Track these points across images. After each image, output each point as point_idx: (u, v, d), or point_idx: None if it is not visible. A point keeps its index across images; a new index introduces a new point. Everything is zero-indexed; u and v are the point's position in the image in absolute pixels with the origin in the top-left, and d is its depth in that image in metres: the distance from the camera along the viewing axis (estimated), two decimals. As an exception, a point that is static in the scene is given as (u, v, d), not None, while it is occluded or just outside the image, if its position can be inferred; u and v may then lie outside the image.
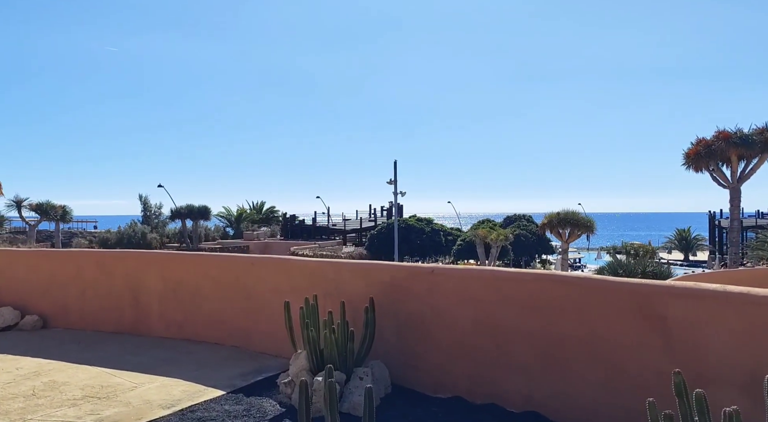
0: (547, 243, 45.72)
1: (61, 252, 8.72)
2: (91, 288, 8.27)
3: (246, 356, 6.91)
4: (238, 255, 7.29)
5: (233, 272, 7.19)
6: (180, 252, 7.80)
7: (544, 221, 33.38)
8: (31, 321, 8.37)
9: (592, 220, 32.21)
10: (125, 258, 8.18)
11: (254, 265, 7.00)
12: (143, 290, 7.90)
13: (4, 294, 8.70)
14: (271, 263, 6.92)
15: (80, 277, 8.36)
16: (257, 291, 6.96)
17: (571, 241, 33.88)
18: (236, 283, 7.15)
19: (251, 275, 7.02)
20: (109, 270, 8.18)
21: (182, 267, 7.64)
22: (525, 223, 47.18)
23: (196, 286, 7.47)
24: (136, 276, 7.96)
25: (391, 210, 51.37)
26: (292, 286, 6.63)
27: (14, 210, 33.08)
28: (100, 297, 8.20)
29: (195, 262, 7.57)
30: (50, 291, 8.51)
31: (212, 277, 7.36)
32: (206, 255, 7.56)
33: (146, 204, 44.63)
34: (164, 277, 7.74)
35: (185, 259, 7.68)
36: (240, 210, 52.34)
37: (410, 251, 42.88)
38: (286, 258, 6.80)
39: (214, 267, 7.38)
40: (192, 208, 40.99)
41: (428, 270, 5.47)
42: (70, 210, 34.80)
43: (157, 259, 7.89)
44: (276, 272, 6.81)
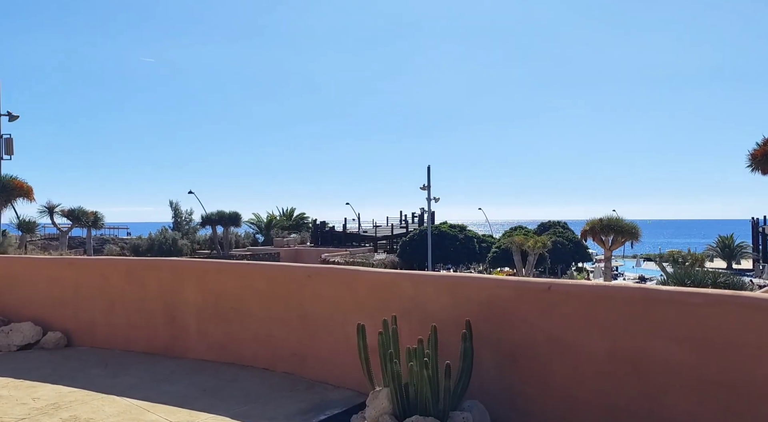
0: (585, 251, 44.00)
1: (86, 261, 7.68)
2: (120, 301, 7.20)
3: (301, 385, 5.74)
4: (290, 265, 6.16)
5: (285, 285, 6.05)
6: (222, 262, 6.68)
7: (585, 227, 31.80)
8: (53, 339, 7.32)
9: (637, 227, 30.55)
10: (158, 267, 7.09)
11: (311, 278, 5.84)
12: (179, 304, 6.80)
13: (25, 308, 7.68)
14: (332, 275, 5.75)
15: (107, 289, 7.30)
16: (314, 308, 5.80)
17: (615, 249, 32.23)
18: (289, 298, 6.00)
19: (307, 289, 5.86)
20: (140, 281, 7.10)
21: (225, 279, 6.52)
22: (561, 230, 45.54)
23: (241, 301, 6.35)
24: (171, 288, 6.87)
25: (422, 216, 50.12)
26: (357, 303, 5.45)
27: (46, 216, 32.57)
28: (130, 311, 7.13)
29: (240, 273, 6.45)
30: (75, 304, 7.47)
31: (260, 291, 6.22)
32: (253, 265, 6.43)
33: (177, 210, 44.06)
34: (204, 290, 6.63)
35: (228, 269, 6.56)
36: (270, 216, 51.55)
37: (443, 258, 41.58)
38: (350, 270, 5.63)
39: (262, 278, 6.25)
40: (223, 214, 40.25)
41: (542, 286, 4.25)
42: (101, 216, 34.20)
43: (196, 269, 6.78)
44: (338, 286, 5.64)
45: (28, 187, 25.04)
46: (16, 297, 7.76)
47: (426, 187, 38.20)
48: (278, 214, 52.86)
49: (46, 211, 32.10)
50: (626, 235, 31.13)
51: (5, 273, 7.87)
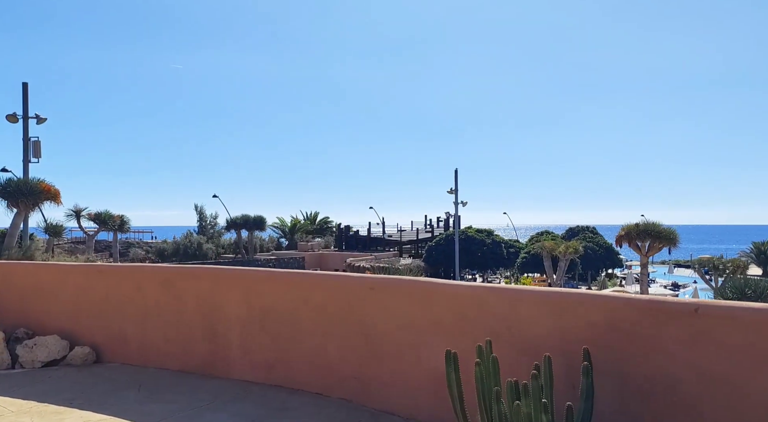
0: (616, 257, 42.67)
1: (117, 269, 6.95)
2: (155, 313, 6.45)
3: (363, 416, 4.91)
4: (351, 275, 5.36)
5: (345, 298, 5.23)
6: (271, 270, 5.88)
7: (621, 232, 30.58)
8: (81, 355, 6.59)
9: (675, 232, 29.28)
10: (197, 276, 6.32)
11: (375, 290, 5.01)
12: (221, 318, 6.02)
13: (50, 319, 6.97)
14: (401, 288, 4.91)
15: (141, 299, 6.55)
16: (380, 325, 4.97)
17: (651, 255, 30.95)
18: (349, 313, 5.18)
19: (371, 303, 5.04)
20: (178, 290, 6.34)
21: (274, 290, 5.72)
22: (590, 235, 44.26)
23: (293, 315, 5.54)
24: (212, 299, 6.08)
25: (447, 220, 49.15)
26: (433, 322, 4.62)
27: (73, 219, 32.25)
28: (166, 325, 6.37)
29: (291, 283, 5.63)
30: (104, 316, 6.73)
31: (315, 304, 5.41)
32: (307, 275, 5.62)
33: (202, 214, 43.64)
34: (249, 302, 5.84)
35: (278, 279, 5.75)
36: (294, 220, 50.95)
37: (470, 264, 40.59)
38: (424, 282, 4.79)
39: (317, 290, 5.43)
40: (248, 218, 39.74)
41: (686, 308, 3.37)
42: (127, 220, 33.80)
43: (240, 278, 5.99)
44: (408, 301, 4.81)
45: (56, 190, 24.58)
46: (41, 308, 7.05)
47: (453, 191, 37.30)
48: (302, 218, 52.25)
49: (73, 215, 31.78)
50: (664, 241, 29.86)
51: (30, 282, 7.16)
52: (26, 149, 24.26)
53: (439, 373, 4.38)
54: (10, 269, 7.40)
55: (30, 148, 24.43)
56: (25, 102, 24.08)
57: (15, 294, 7.19)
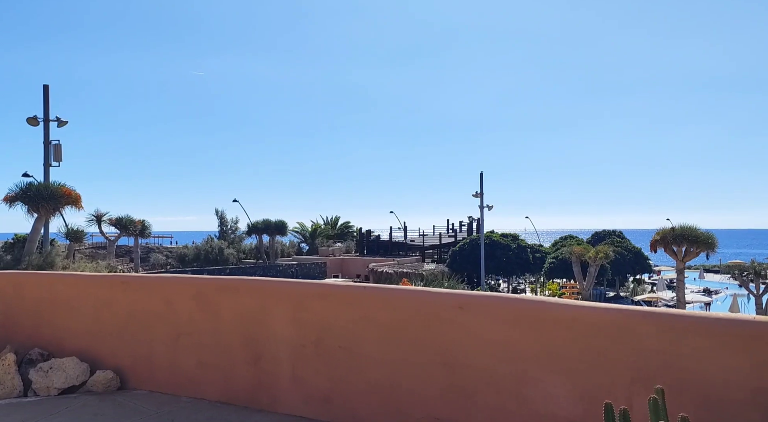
0: (645, 262, 41.27)
1: (143, 280, 6.00)
2: (187, 332, 5.49)
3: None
4: (431, 291, 4.36)
5: (421, 319, 4.23)
6: (326, 284, 4.91)
7: (656, 237, 29.28)
8: (103, 380, 5.65)
9: (714, 237, 27.93)
10: (236, 289, 5.35)
11: (464, 310, 4.01)
12: (266, 339, 5.04)
13: (68, 338, 6.04)
14: (501, 308, 3.90)
15: (172, 316, 5.60)
16: (469, 353, 3.97)
17: (688, 260, 29.62)
18: (427, 338, 4.18)
19: (457, 326, 4.04)
20: (214, 306, 5.38)
21: (329, 307, 4.73)
22: (618, 239, 42.88)
23: (354, 338, 4.55)
24: (255, 317, 5.11)
25: (470, 225, 48.05)
26: (546, 353, 3.60)
27: (94, 224, 31.65)
28: (201, 346, 5.41)
29: (351, 299, 4.65)
30: (130, 335, 5.78)
31: (382, 325, 4.42)
32: (371, 290, 4.62)
33: (223, 219, 42.93)
34: (300, 320, 4.86)
35: (335, 295, 4.77)
36: (315, 225, 50.09)
37: (495, 269, 39.43)
38: (533, 302, 3.78)
39: (385, 308, 4.44)
40: (269, 223, 38.96)
41: None
42: (149, 225, 33.18)
43: (288, 292, 5.02)
44: (510, 324, 3.80)
45: (77, 194, 23.94)
46: (57, 325, 6.13)
47: (479, 195, 36.23)
48: (323, 223, 51.39)
49: (94, 220, 31.21)
50: (701, 246, 28.51)
51: (45, 295, 6.24)
52: (47, 152, 23.61)
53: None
54: (23, 280, 6.49)
55: (51, 151, 23.78)
56: (46, 104, 23.44)
57: (28, 309, 6.28)
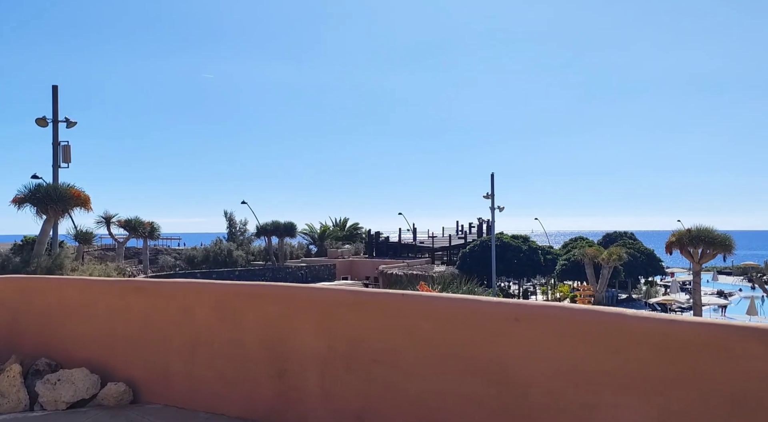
0: (658, 263, 40.65)
1: (159, 286, 5.57)
2: (206, 343, 5.07)
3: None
4: (480, 299, 3.91)
5: (469, 331, 3.79)
6: (359, 291, 4.46)
7: (671, 239, 28.73)
8: (115, 393, 5.24)
9: (731, 239, 27.38)
10: (260, 296, 4.92)
11: (520, 321, 3.57)
12: (292, 352, 4.62)
13: (77, 348, 5.63)
14: (561, 318, 3.45)
15: (189, 325, 5.18)
16: (526, 372, 3.53)
17: (705, 262, 29.05)
18: (475, 353, 3.74)
19: (512, 340, 3.59)
20: (235, 314, 4.96)
21: (363, 317, 4.30)
22: (629, 241, 42.28)
23: (391, 352, 4.12)
24: (280, 327, 4.69)
25: (480, 226, 47.56)
26: (623, 373, 3.16)
27: (103, 226, 31.37)
28: (221, 358, 4.99)
29: (388, 308, 4.20)
30: (144, 345, 5.37)
31: (423, 339, 3.98)
32: (411, 298, 4.18)
33: (231, 220, 42.60)
34: (330, 332, 4.43)
35: (369, 303, 4.33)
36: (323, 227, 49.70)
37: (506, 271, 38.90)
38: (603, 314, 3.33)
39: (427, 318, 4.00)
40: (278, 224, 38.60)
41: None
42: (158, 226, 32.90)
43: (317, 301, 4.59)
44: (576, 338, 3.36)
45: (86, 196, 23.64)
46: (66, 333, 5.72)
47: (489, 196, 35.74)
48: (331, 225, 50.99)
49: (103, 222, 30.93)
50: (718, 247, 27.94)
51: (53, 301, 5.84)
52: (56, 154, 23.29)
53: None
54: (30, 285, 6.09)
55: (60, 152, 23.47)
56: (55, 105, 23.13)
57: (35, 316, 5.88)
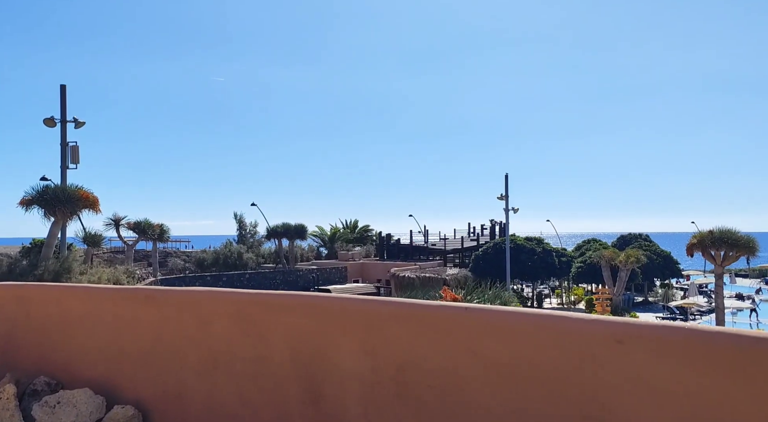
0: (675, 266, 39.70)
1: (172, 295, 4.88)
2: (226, 361, 4.39)
3: None
4: (567, 316, 3.20)
5: (552, 353, 3.08)
6: (408, 303, 3.75)
7: (693, 241, 27.87)
8: (122, 418, 4.56)
9: (755, 240, 26.51)
10: (289, 307, 4.23)
11: (624, 344, 2.86)
12: (329, 373, 3.93)
13: (80, 365, 4.96)
14: (681, 342, 2.75)
15: (206, 340, 4.50)
16: (632, 409, 2.81)
17: (727, 264, 28.18)
18: (562, 381, 3.03)
19: (611, 368, 2.88)
20: (259, 328, 4.27)
21: (415, 332, 3.60)
22: (645, 243, 41.36)
23: (451, 376, 3.41)
24: (313, 343, 4.00)
25: (492, 228, 46.77)
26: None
27: (112, 229, 30.82)
28: (244, 378, 4.30)
29: (446, 323, 3.50)
30: (155, 362, 4.70)
31: (491, 360, 3.28)
32: (475, 312, 3.46)
33: (241, 222, 42.02)
34: (374, 350, 3.73)
35: (421, 317, 3.63)
36: (334, 229, 49.03)
37: (521, 274, 38.11)
38: (740, 337, 2.62)
39: (495, 336, 3.29)
40: (288, 226, 37.94)
41: None
42: (167, 228, 32.32)
43: (358, 313, 3.89)
44: (699, 366, 2.65)
45: (94, 197, 23.08)
46: (68, 349, 5.05)
47: (504, 197, 34.99)
48: (342, 227, 50.31)
49: (112, 224, 30.39)
50: (741, 249, 27.04)
51: (53, 312, 5.16)
52: (64, 154, 22.74)
53: None
54: (28, 294, 5.43)
55: (68, 153, 22.91)
56: (63, 105, 22.58)
57: (34, 330, 5.21)
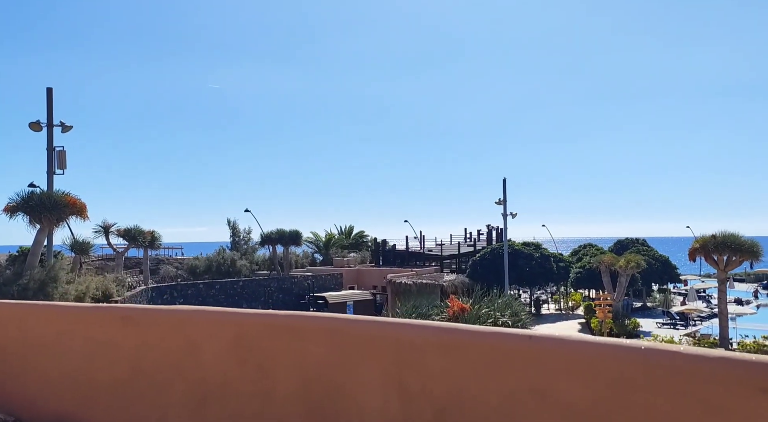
0: (674, 271, 39.09)
1: (154, 315, 4.03)
2: (220, 395, 3.58)
3: None
4: (671, 350, 2.45)
5: (656, 400, 2.31)
6: (445, 327, 2.94)
7: (695, 245, 27.21)
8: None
9: (759, 245, 25.89)
10: (299, 331, 3.43)
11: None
12: (346, 411, 3.12)
13: (44, 398, 4.13)
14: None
15: (196, 369, 3.70)
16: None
17: (730, 269, 27.56)
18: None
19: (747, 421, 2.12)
20: (260, 357, 3.47)
21: (461, 366, 2.81)
22: (642, 248, 40.74)
23: (511, 420, 2.64)
24: (330, 377, 3.20)
25: (489, 234, 46.08)
26: None
27: (102, 236, 29.81)
28: (240, 417, 3.49)
29: (502, 354, 2.71)
30: (133, 394, 3.88)
31: (566, 405, 2.49)
32: (541, 341, 2.68)
33: (235, 229, 41.08)
34: (405, 386, 2.94)
35: (469, 345, 2.84)
36: (329, 235, 48.16)
37: (519, 279, 37.38)
38: None
39: (572, 374, 2.51)
40: (283, 232, 37.05)
41: None
42: (159, 235, 31.34)
43: (384, 339, 3.10)
44: None
45: (82, 203, 22.14)
46: (30, 378, 4.22)
47: (501, 202, 34.31)
48: (337, 233, 49.46)
49: (102, 231, 29.38)
50: (744, 254, 26.42)
51: (13, 335, 4.32)
52: (50, 159, 21.79)
53: None
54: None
55: (54, 158, 21.98)
56: (50, 109, 21.67)
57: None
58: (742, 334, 28.24)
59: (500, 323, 11.89)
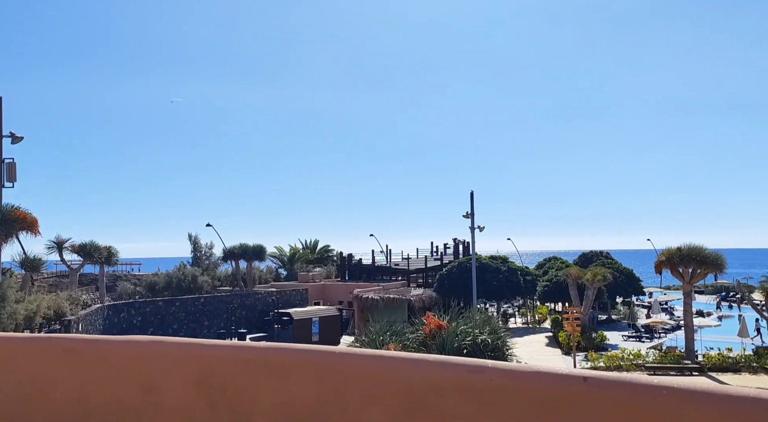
0: (638, 283, 39.52)
1: (105, 347, 3.34)
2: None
3: None
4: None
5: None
6: (483, 364, 2.42)
7: (661, 258, 27.44)
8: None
9: (722, 257, 26.26)
10: (283, 367, 2.82)
11: None
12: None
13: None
14: None
15: (153, 414, 3.05)
16: None
17: (695, 282, 27.88)
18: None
19: None
20: (234, 399, 2.86)
21: (489, 414, 2.27)
22: (608, 261, 41.12)
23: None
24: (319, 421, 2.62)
25: (456, 247, 45.88)
26: None
27: (55, 252, 28.38)
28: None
29: (550, 398, 2.19)
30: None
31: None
32: (612, 385, 2.17)
33: (196, 244, 39.82)
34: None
35: (506, 384, 2.31)
36: (293, 249, 47.20)
37: (486, 293, 37.19)
38: None
39: (629, 417, 2.01)
40: (246, 247, 36.06)
41: None
42: (115, 251, 30.04)
43: (391, 377, 2.53)
44: None
45: (33, 218, 20.94)
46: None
47: (469, 215, 34.12)
48: (301, 247, 48.52)
49: (55, 247, 27.98)
50: (709, 266, 26.79)
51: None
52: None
53: None
54: None
55: (3, 170, 20.76)
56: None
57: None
58: (706, 346, 28.48)
59: (479, 341, 11.38)
